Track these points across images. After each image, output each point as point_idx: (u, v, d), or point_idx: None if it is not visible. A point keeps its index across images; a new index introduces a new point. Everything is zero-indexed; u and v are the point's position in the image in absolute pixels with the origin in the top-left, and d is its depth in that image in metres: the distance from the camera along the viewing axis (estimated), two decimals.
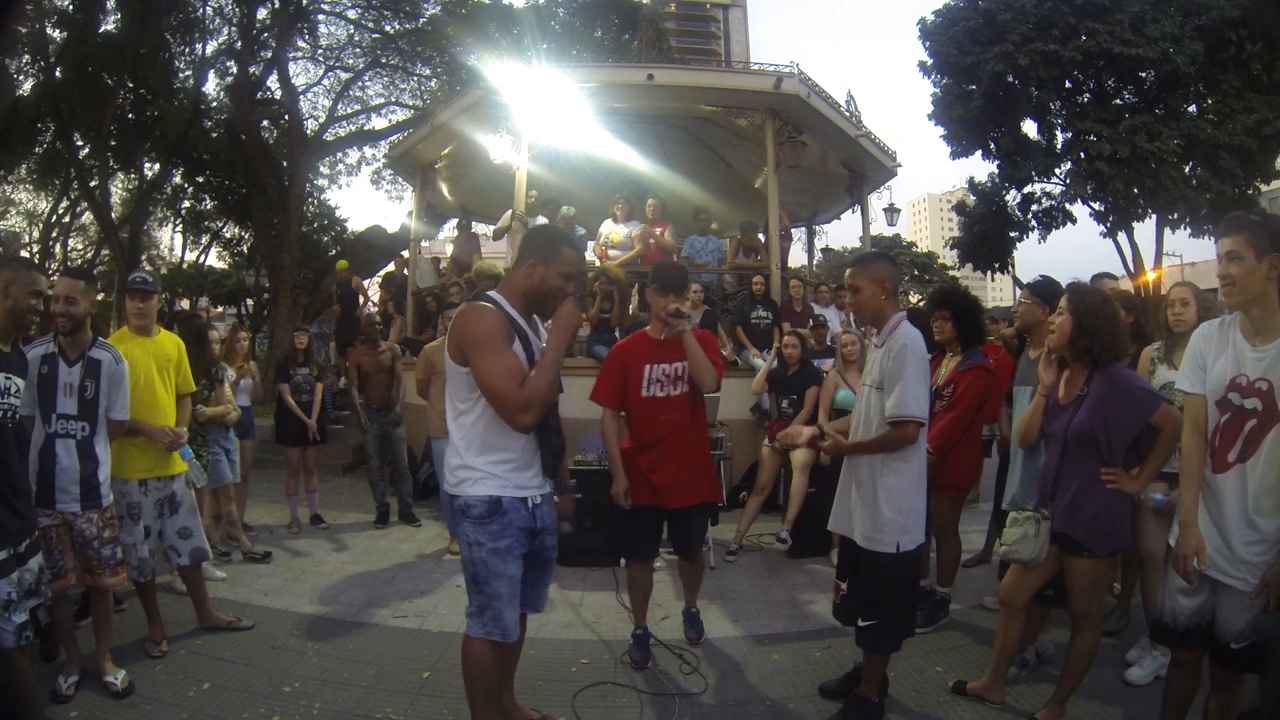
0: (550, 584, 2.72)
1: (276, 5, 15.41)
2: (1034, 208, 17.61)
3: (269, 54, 15.79)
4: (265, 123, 16.89)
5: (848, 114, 8.42)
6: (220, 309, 27.07)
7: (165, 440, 3.44)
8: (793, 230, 11.31)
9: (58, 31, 14.88)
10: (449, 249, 10.74)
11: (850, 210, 10.55)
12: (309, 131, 16.93)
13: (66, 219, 23.12)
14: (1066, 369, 2.85)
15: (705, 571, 4.03)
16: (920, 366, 2.75)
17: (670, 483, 3.38)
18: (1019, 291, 3.64)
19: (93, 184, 16.50)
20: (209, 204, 20.13)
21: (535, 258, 2.47)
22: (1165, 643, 2.51)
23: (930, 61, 17.27)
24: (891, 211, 14.89)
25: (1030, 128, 17.14)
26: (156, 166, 18.12)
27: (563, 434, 2.53)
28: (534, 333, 2.49)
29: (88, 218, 21.53)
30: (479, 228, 10.78)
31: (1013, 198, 17.75)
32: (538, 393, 2.29)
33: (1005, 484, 3.58)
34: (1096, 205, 16.61)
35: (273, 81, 16.20)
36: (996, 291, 51.84)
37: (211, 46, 16.50)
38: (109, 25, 15.39)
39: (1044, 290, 3.47)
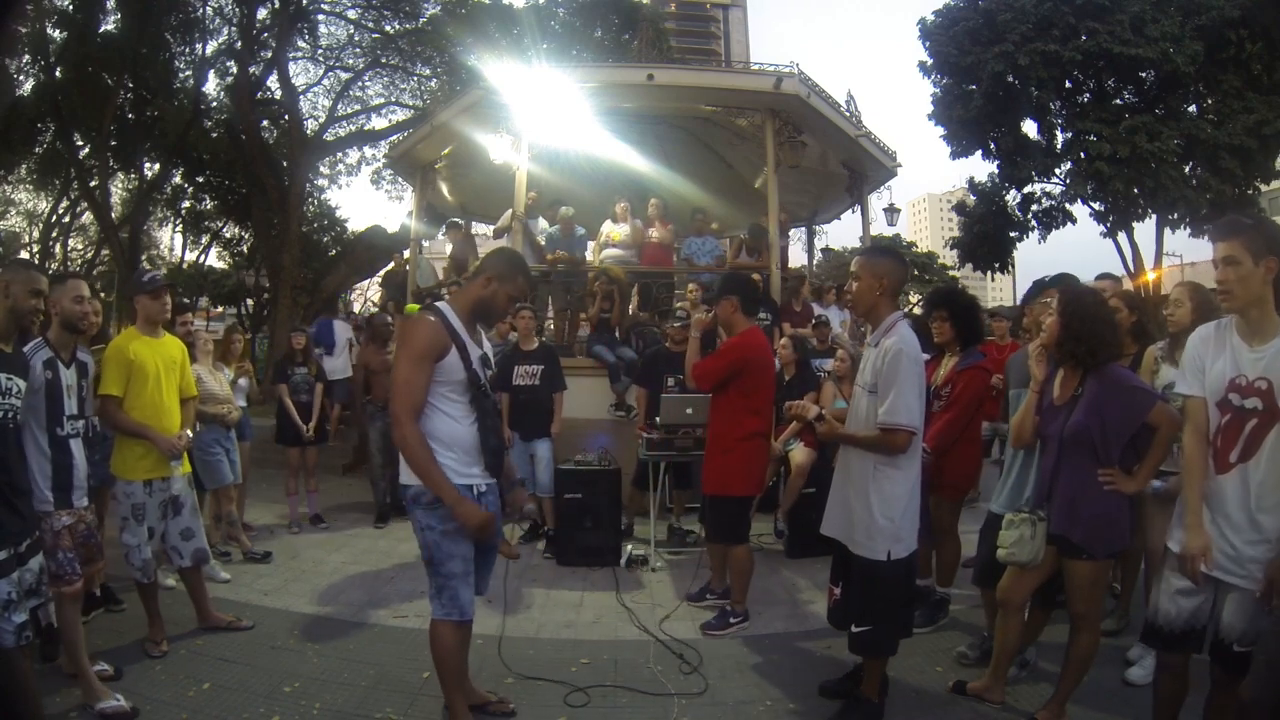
0: (494, 568, 2.90)
1: (276, 5, 15.41)
2: (1034, 208, 17.63)
3: (269, 54, 15.78)
4: (265, 123, 16.87)
5: (848, 114, 8.41)
6: (220, 309, 27.10)
7: (167, 450, 3.47)
8: (792, 230, 11.31)
9: (58, 31, 14.90)
10: (448, 249, 10.70)
11: (850, 210, 10.53)
12: (309, 131, 16.93)
13: (66, 219, 23.12)
14: (1061, 368, 2.84)
15: (727, 566, 4.03)
16: (914, 372, 2.70)
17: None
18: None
19: (93, 184, 16.51)
20: (209, 204, 20.14)
21: (493, 275, 2.71)
22: (1157, 645, 2.46)
23: (930, 61, 17.29)
24: (891, 211, 14.85)
25: (1030, 128, 17.18)
26: (156, 166, 18.13)
27: (501, 436, 2.78)
28: (474, 341, 2.70)
29: (88, 218, 21.55)
30: (477, 228, 10.77)
31: (1013, 198, 17.77)
32: (402, 431, 2.49)
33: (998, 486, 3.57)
34: (1096, 205, 16.62)
35: (273, 81, 16.23)
36: (996, 291, 51.79)
37: (211, 46, 16.54)
38: (109, 25, 15.44)
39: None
